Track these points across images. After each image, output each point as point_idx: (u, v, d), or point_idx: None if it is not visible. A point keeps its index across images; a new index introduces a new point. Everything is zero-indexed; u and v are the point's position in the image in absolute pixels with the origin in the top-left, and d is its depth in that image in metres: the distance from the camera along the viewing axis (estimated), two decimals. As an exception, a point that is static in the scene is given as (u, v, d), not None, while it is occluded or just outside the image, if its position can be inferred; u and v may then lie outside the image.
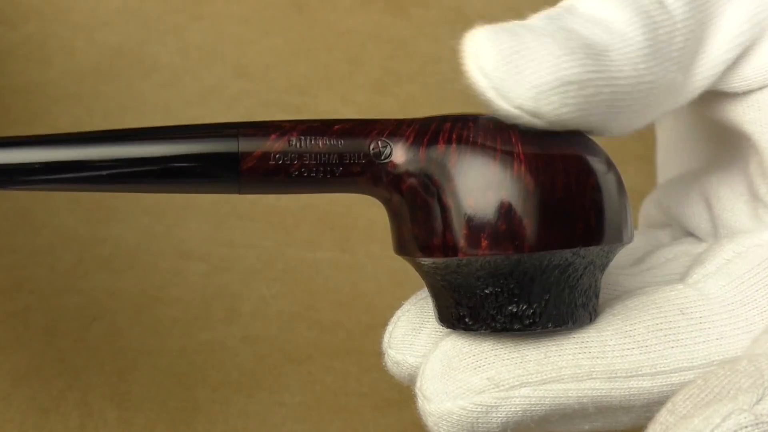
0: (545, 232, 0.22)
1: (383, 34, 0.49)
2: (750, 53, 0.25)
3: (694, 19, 0.24)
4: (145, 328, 0.41)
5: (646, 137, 0.41)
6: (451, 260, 0.23)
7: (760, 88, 0.25)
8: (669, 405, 0.22)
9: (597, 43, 0.22)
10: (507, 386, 0.23)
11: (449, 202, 0.23)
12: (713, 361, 0.24)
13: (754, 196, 0.27)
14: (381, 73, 0.48)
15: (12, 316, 0.42)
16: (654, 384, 0.24)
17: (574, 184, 0.23)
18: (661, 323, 0.24)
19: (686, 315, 0.25)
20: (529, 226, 0.22)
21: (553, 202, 0.23)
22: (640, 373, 0.24)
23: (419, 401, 0.24)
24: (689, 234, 0.30)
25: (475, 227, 0.23)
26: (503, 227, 0.22)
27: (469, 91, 0.24)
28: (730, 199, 0.28)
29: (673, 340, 0.24)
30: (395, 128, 0.24)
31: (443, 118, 0.24)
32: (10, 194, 0.47)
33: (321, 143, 0.24)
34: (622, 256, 0.28)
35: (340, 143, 0.24)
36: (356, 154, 0.24)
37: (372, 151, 0.24)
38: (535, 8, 0.26)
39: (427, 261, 0.24)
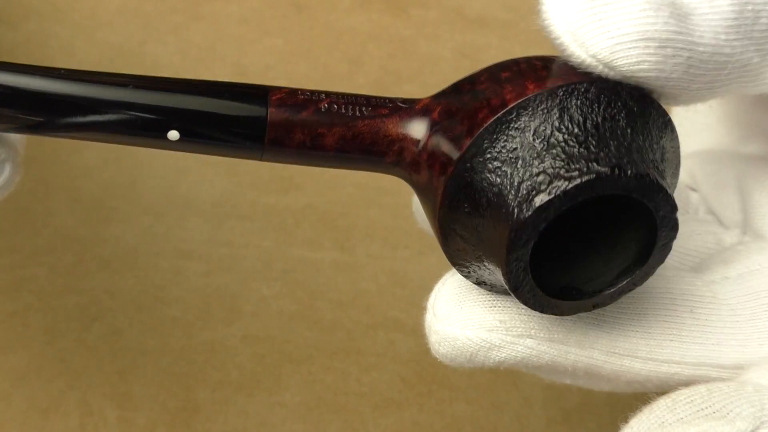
0: None
1: (383, 34, 0.49)
2: None
3: None
4: (145, 328, 0.41)
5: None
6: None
7: None
8: (669, 401, 0.22)
9: (684, 4, 0.22)
10: (515, 333, 0.24)
11: None
12: (703, 363, 0.25)
13: None
14: (381, 73, 0.48)
15: (12, 316, 0.42)
16: (644, 367, 0.25)
17: None
18: (670, 316, 0.25)
19: (694, 314, 0.25)
20: None
21: None
22: (635, 355, 0.25)
23: (427, 316, 0.25)
24: (708, 211, 0.29)
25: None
26: None
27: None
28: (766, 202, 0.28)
29: (675, 335, 0.25)
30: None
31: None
32: (9, 194, 0.47)
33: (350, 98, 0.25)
34: None
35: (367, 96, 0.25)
36: (384, 99, 0.25)
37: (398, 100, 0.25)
38: (535, 8, 0.26)
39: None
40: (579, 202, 0.21)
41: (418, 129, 0.24)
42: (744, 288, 0.26)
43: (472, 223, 0.23)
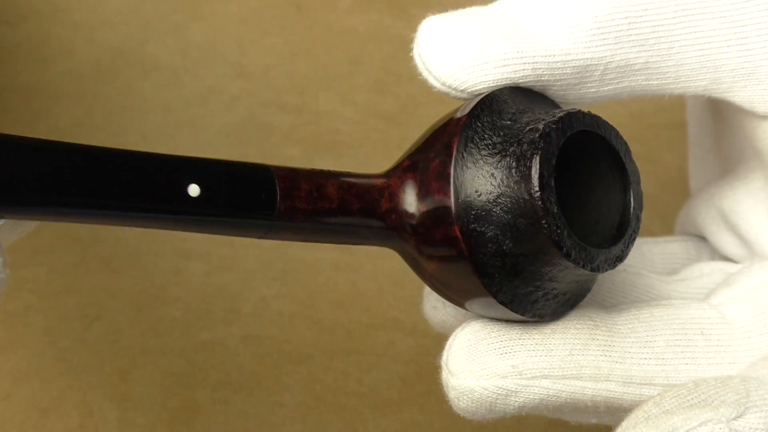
0: None
1: (383, 34, 0.49)
2: (766, 73, 0.26)
3: (678, 6, 0.25)
4: (145, 328, 0.41)
5: (646, 137, 0.41)
6: None
7: None
8: (657, 398, 0.23)
9: (536, 26, 0.25)
10: (529, 375, 0.24)
11: None
12: (733, 375, 0.25)
13: None
14: (381, 73, 0.48)
15: (12, 316, 0.42)
16: None
17: None
18: (681, 340, 0.26)
19: (706, 336, 0.26)
20: None
21: None
22: (653, 382, 0.25)
23: (443, 374, 0.25)
24: (722, 257, 0.30)
25: None
26: None
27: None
28: (764, 228, 0.28)
29: (689, 358, 0.25)
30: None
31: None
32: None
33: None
34: (657, 261, 0.30)
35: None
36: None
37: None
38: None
39: None
40: (565, 138, 0.24)
41: (397, 174, 0.26)
42: (751, 305, 0.27)
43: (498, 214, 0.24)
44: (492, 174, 0.24)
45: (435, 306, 0.28)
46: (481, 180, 0.24)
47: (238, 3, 0.61)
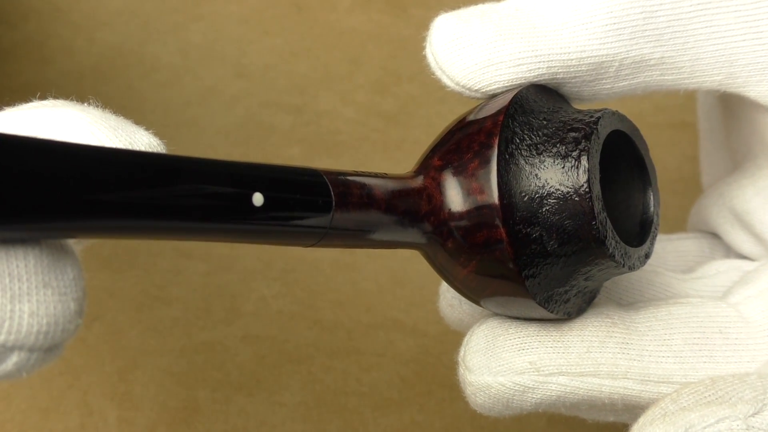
0: None
1: (383, 34, 0.49)
2: None
3: (695, 2, 0.25)
4: (145, 328, 0.41)
5: (646, 137, 0.41)
6: None
7: None
8: (674, 395, 0.23)
9: (550, 23, 0.25)
10: (547, 372, 0.24)
11: None
12: (750, 372, 0.25)
13: None
14: (381, 73, 0.48)
15: (12, 316, 0.42)
16: None
17: None
18: (699, 338, 0.26)
19: (724, 335, 0.26)
20: None
21: None
22: (671, 380, 0.25)
23: (460, 370, 0.25)
24: (737, 255, 0.30)
25: None
26: None
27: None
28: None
29: (708, 356, 0.25)
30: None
31: None
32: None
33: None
34: (670, 258, 0.30)
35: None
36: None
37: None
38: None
39: None
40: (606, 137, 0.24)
41: (430, 174, 0.25)
42: (767, 302, 0.26)
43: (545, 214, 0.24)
44: (536, 175, 0.24)
45: (451, 304, 0.28)
46: (525, 181, 0.24)
47: (238, 3, 0.61)
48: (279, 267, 0.44)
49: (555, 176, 0.24)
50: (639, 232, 0.26)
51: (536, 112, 0.25)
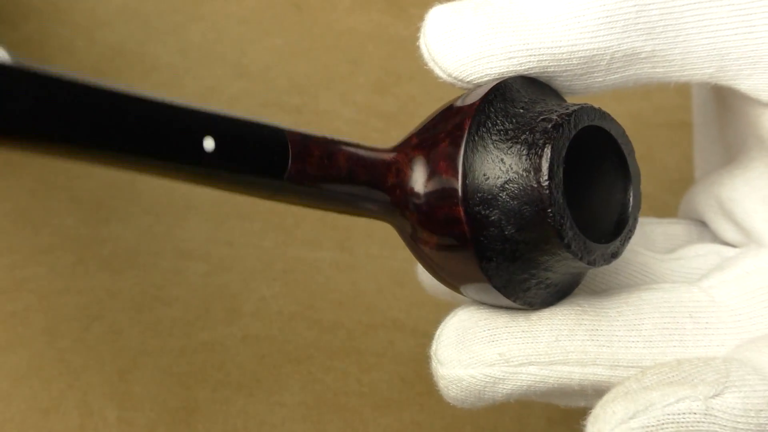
0: None
1: (383, 34, 0.49)
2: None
3: None
4: (145, 328, 0.41)
5: (646, 137, 0.41)
6: None
7: None
8: (639, 374, 0.23)
9: (543, 16, 0.25)
10: (516, 363, 0.25)
11: None
12: (717, 356, 0.25)
13: None
14: (381, 73, 0.48)
15: (12, 316, 0.42)
16: None
17: None
18: (670, 323, 0.26)
19: (694, 319, 0.26)
20: None
21: None
22: (640, 365, 0.25)
23: (433, 363, 0.25)
24: (722, 243, 0.30)
25: None
26: None
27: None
28: (759, 216, 0.28)
29: (677, 340, 0.25)
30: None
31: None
32: (9, 194, 0.47)
33: None
34: (659, 240, 0.30)
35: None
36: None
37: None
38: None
39: None
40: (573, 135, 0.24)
41: (405, 150, 0.26)
42: (741, 288, 0.27)
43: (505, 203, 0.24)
44: (502, 159, 0.24)
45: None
46: (490, 164, 0.24)
47: (238, 3, 0.61)
48: (279, 267, 0.44)
49: (519, 162, 0.24)
50: (613, 232, 0.26)
51: (516, 101, 0.25)
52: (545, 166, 0.24)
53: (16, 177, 0.48)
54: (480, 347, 0.25)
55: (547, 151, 0.24)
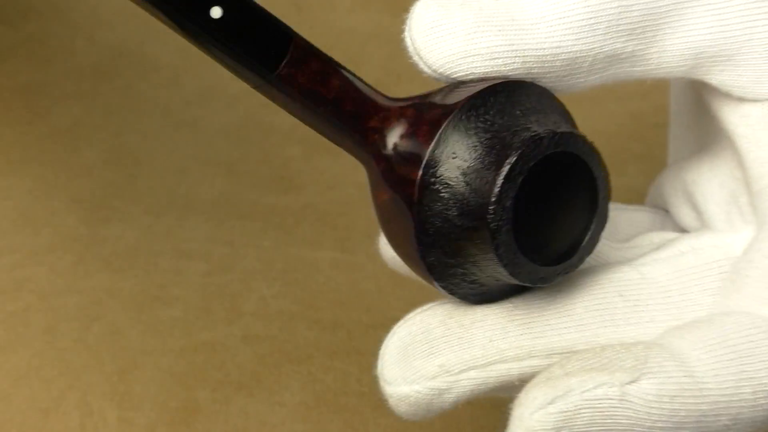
0: None
1: (383, 34, 0.49)
2: (743, 59, 0.26)
3: None
4: (145, 328, 0.41)
5: (646, 137, 0.41)
6: None
7: (754, 101, 0.26)
8: (563, 360, 0.24)
9: (528, 16, 0.25)
10: (456, 371, 0.25)
11: None
12: (641, 342, 0.25)
13: (734, 201, 0.28)
14: (381, 73, 0.48)
15: (12, 316, 0.42)
16: None
17: None
18: (600, 304, 0.26)
19: (624, 297, 0.26)
20: None
21: None
22: (575, 349, 0.26)
23: (380, 383, 0.26)
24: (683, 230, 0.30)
25: None
26: None
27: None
28: (714, 199, 0.28)
29: (608, 320, 0.26)
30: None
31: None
32: (9, 194, 0.47)
33: None
34: (622, 226, 0.30)
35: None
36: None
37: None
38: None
39: None
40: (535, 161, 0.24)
41: (401, 104, 0.27)
42: (674, 266, 0.27)
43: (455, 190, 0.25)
44: (475, 147, 0.25)
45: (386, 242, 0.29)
46: (462, 146, 0.25)
47: (238, 3, 0.61)
48: (279, 267, 0.44)
49: (487, 156, 0.25)
50: (556, 260, 0.26)
51: (519, 103, 0.25)
52: (506, 168, 0.24)
53: (16, 177, 0.48)
54: (420, 362, 0.25)
55: (513, 157, 0.24)
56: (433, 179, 0.25)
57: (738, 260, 0.27)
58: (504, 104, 0.25)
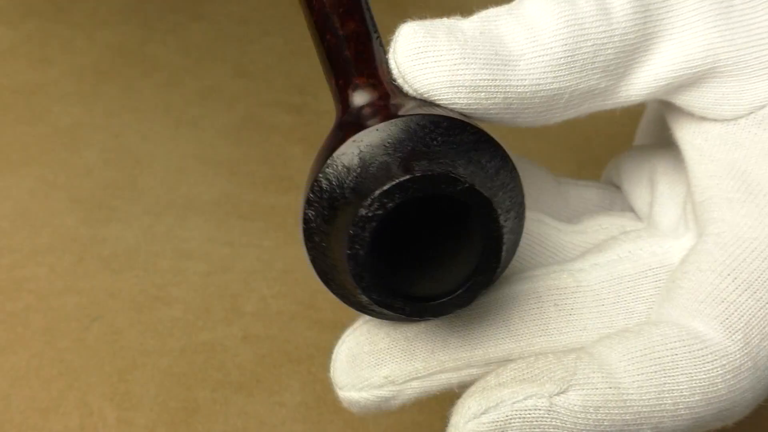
0: None
1: (383, 34, 0.49)
2: (706, 85, 0.27)
3: (638, 33, 0.26)
4: (145, 328, 0.41)
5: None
6: None
7: (714, 121, 0.27)
8: (500, 370, 0.25)
9: (510, 52, 0.26)
10: (400, 381, 0.27)
11: None
12: (574, 350, 0.26)
13: (683, 206, 0.29)
14: (381, 73, 0.48)
15: (12, 316, 0.42)
16: None
17: None
18: (536, 314, 0.27)
19: (559, 306, 0.27)
20: None
21: None
22: (510, 358, 0.27)
23: (334, 386, 0.28)
24: (631, 209, 0.31)
25: None
26: None
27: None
28: (668, 196, 0.29)
29: (542, 330, 0.27)
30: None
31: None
32: (9, 194, 0.47)
33: None
34: (572, 201, 0.31)
35: None
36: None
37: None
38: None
39: None
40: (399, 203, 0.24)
41: (390, 86, 0.27)
42: (610, 273, 0.28)
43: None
44: (386, 145, 0.25)
45: None
46: (378, 143, 0.25)
47: (238, 3, 0.61)
48: (279, 267, 0.44)
49: (380, 167, 0.25)
50: (432, 297, 0.25)
51: (452, 142, 0.25)
52: (379, 191, 0.23)
53: (16, 177, 0.48)
54: (367, 372, 0.27)
55: (390, 185, 0.23)
56: (338, 153, 0.25)
57: (674, 270, 0.27)
58: (441, 134, 0.25)
